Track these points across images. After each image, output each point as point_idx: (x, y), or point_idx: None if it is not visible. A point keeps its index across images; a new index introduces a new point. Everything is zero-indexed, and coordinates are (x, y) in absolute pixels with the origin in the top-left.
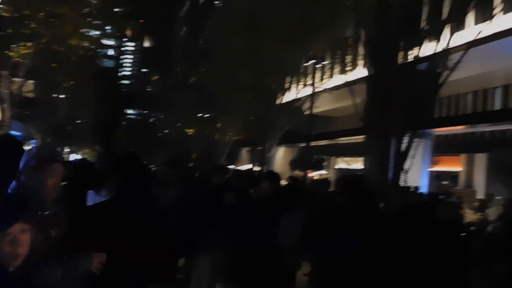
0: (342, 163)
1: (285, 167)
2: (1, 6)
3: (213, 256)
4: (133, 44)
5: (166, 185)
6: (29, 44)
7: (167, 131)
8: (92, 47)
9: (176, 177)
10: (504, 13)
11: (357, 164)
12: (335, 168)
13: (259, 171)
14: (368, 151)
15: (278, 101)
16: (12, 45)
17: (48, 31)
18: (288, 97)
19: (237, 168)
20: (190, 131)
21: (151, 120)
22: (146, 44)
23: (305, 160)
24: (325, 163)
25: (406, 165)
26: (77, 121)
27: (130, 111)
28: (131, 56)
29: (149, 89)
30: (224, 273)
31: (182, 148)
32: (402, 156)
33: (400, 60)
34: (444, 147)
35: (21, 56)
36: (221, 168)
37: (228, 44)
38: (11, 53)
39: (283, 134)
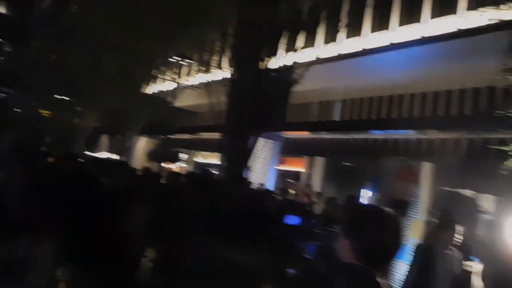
0: (200, 157)
1: (144, 158)
2: None
3: (55, 242)
4: None
5: (8, 168)
6: None
7: (19, 110)
8: None
9: (20, 161)
10: (347, 38)
11: (213, 159)
12: (193, 162)
13: (115, 159)
14: (223, 148)
15: (142, 92)
16: None
17: None
18: (152, 89)
19: (93, 155)
20: (46, 113)
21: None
22: None
23: (161, 152)
24: (184, 157)
25: (255, 163)
26: None
27: None
28: None
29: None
30: (66, 258)
31: (34, 131)
32: (251, 155)
33: (257, 67)
34: (292, 149)
35: None
36: (72, 155)
37: (95, 28)
38: None
39: (146, 125)
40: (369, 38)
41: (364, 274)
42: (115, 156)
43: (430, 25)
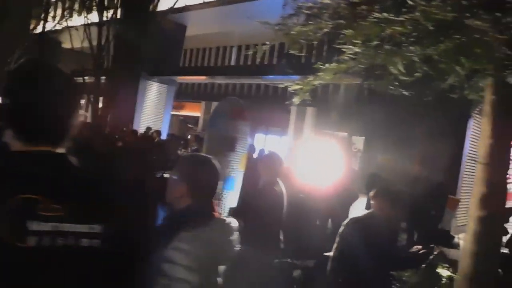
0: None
1: None
2: None
3: None
4: None
5: None
6: None
7: None
8: None
9: None
10: None
11: None
12: None
13: None
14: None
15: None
16: None
17: None
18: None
19: None
20: None
21: None
22: None
23: None
24: None
25: (147, 108)
26: None
27: None
28: None
29: None
30: None
31: None
32: (140, 99)
33: (145, 8)
34: (188, 95)
35: None
36: None
37: None
38: None
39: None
40: None
41: (202, 210)
42: None
43: None
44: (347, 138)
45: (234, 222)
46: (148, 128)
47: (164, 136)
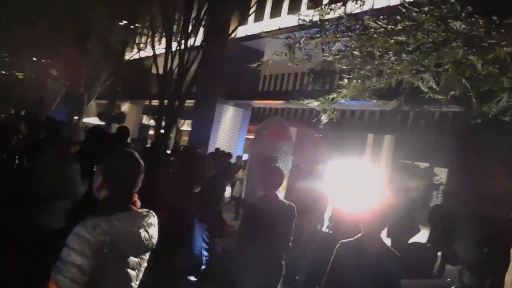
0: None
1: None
2: None
3: None
4: None
5: None
6: None
7: None
8: None
9: None
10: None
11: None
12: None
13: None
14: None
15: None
16: None
17: None
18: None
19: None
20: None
21: None
22: None
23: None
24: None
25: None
26: None
27: None
28: None
29: None
30: None
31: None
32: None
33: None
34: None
35: None
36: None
37: None
38: None
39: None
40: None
41: (117, 201)
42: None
43: None
44: (428, 169)
45: (154, 217)
46: (217, 149)
47: (234, 159)
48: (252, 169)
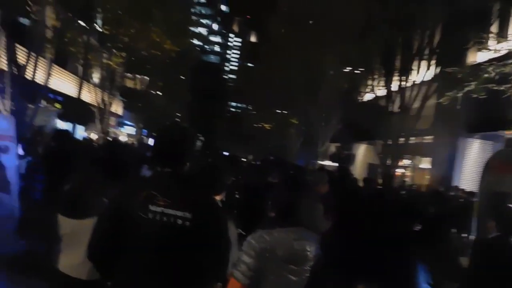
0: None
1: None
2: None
3: None
4: None
5: None
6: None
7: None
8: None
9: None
10: None
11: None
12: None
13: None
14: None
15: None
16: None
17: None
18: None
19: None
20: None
21: None
22: None
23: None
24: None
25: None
26: None
27: None
28: None
29: None
30: None
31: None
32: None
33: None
34: None
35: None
36: None
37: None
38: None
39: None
40: None
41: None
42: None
43: None
44: None
45: (305, 232)
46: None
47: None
48: (483, 206)
